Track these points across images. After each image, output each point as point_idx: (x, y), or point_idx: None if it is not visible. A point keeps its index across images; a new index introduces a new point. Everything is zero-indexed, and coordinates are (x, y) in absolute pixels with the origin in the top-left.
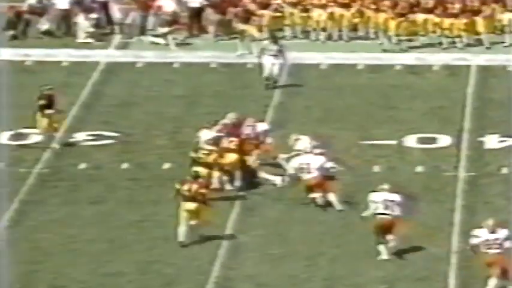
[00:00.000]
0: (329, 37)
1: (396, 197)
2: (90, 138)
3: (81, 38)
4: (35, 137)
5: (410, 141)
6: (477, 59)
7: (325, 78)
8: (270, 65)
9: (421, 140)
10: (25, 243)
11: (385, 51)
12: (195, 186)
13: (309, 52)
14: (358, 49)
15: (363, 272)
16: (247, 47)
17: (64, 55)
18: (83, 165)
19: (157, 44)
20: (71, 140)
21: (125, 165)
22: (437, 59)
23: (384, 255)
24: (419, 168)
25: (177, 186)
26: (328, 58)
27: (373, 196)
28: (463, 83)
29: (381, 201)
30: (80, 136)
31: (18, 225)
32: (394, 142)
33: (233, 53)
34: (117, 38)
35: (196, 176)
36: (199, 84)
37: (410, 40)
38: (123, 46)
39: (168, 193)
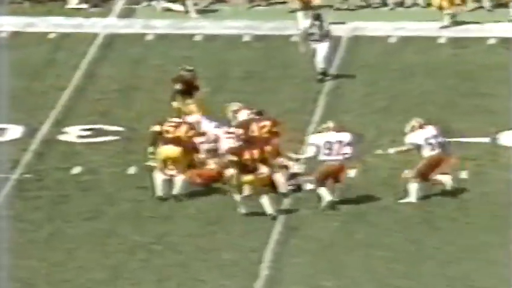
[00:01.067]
0: (400, 3)
1: (346, 137)
2: (85, 134)
3: (73, 3)
4: (12, 132)
5: (507, 138)
6: None
7: (393, 55)
8: (318, 52)
9: None
10: None
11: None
12: (184, 127)
13: (372, 22)
14: (439, 17)
15: None
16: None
17: (50, 25)
18: (75, 170)
19: (172, 11)
20: (60, 136)
21: (129, 170)
22: None
23: (328, 197)
24: None
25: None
26: (398, 29)
27: (315, 139)
28: None
29: (327, 143)
30: (71, 131)
31: None
32: (485, 140)
33: (271, 23)
34: (119, 4)
35: (165, 160)
36: (227, 63)
37: (505, 5)
38: (127, 14)
39: (186, 206)
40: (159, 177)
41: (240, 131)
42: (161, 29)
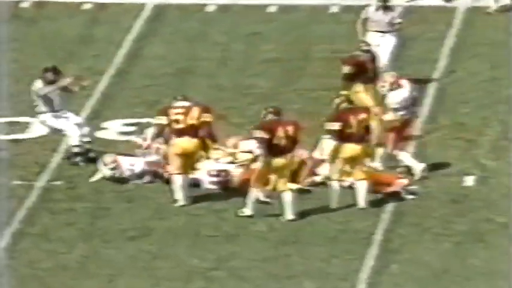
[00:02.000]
0: None
1: None
2: (128, 129)
3: None
4: (38, 128)
5: None
6: None
7: None
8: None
9: None
10: None
11: None
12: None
13: None
14: None
15: None
16: None
17: None
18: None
19: None
20: (97, 132)
21: None
22: None
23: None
24: None
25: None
26: None
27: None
28: None
29: None
30: (111, 126)
31: (12, 272)
32: None
33: None
34: None
35: (182, 156)
36: (308, 40)
37: None
38: None
39: (253, 222)
40: (179, 180)
41: (336, 125)
42: None
